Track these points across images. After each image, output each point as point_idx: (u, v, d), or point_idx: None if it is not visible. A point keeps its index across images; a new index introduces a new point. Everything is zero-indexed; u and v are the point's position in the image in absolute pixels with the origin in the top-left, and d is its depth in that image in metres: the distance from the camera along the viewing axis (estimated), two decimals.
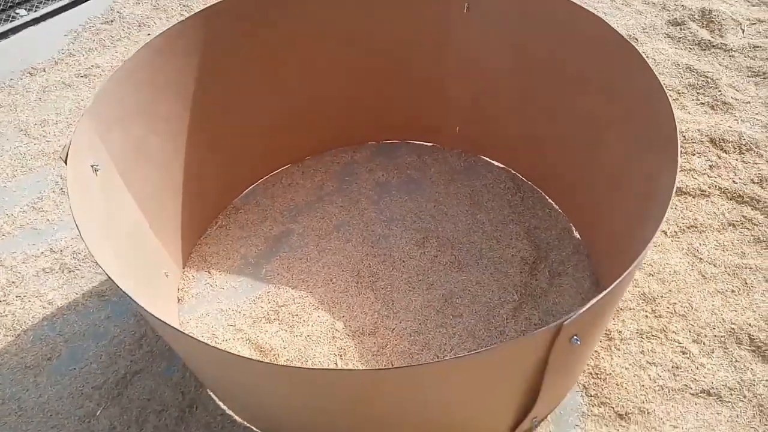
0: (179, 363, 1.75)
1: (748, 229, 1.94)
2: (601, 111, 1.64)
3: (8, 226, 2.13)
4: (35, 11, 3.02)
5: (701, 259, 1.88)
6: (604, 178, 1.74)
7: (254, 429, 1.61)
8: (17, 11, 3.03)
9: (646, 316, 1.76)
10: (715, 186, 2.05)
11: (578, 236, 1.97)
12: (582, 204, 1.92)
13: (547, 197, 2.08)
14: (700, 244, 1.92)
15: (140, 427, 1.62)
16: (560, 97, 1.78)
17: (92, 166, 1.42)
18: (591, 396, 1.62)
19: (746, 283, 1.81)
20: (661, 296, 1.79)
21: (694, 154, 2.16)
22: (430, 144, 2.30)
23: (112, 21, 2.93)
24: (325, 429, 1.42)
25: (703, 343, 1.70)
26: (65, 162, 1.31)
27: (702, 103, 2.34)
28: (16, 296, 1.93)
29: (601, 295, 1.07)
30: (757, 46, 2.53)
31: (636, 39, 2.64)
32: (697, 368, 1.66)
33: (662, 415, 1.59)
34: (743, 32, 2.60)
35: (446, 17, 1.87)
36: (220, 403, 1.65)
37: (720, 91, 2.36)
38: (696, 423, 1.57)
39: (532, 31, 1.72)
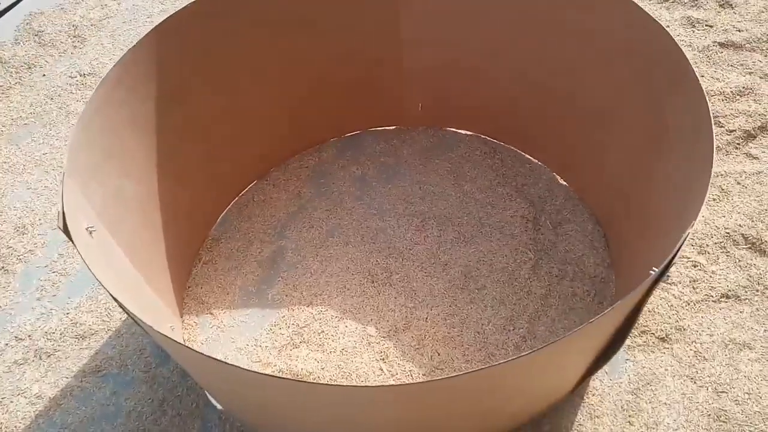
0: (214, 417, 1.60)
1: None
2: (579, 54, 1.67)
3: None
4: None
5: None
6: (587, 122, 1.79)
7: None
8: None
9: None
10: None
11: (565, 183, 2.02)
12: (562, 151, 1.97)
13: (524, 153, 2.11)
14: None
15: None
16: (529, 49, 1.79)
17: (87, 229, 1.22)
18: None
19: (723, 190, 1.96)
20: None
21: None
22: (394, 127, 2.24)
23: None
24: None
25: (708, 253, 1.82)
26: (65, 231, 1.12)
27: None
28: None
29: (687, 233, 1.07)
30: None
31: None
32: (710, 276, 1.77)
33: (696, 327, 1.69)
34: None
35: None
36: None
37: None
38: (726, 326, 1.68)
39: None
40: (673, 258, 1.02)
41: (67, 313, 1.82)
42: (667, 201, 1.38)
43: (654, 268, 1.09)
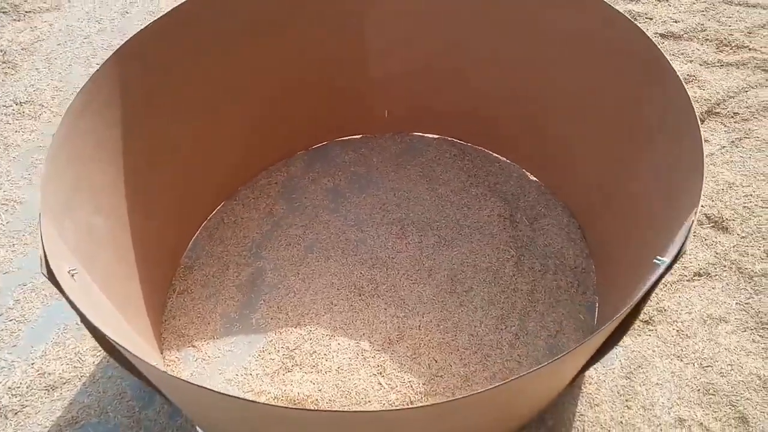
0: None
1: None
2: (548, 53, 1.70)
3: None
4: None
5: None
6: (558, 119, 1.83)
7: None
8: None
9: None
10: None
11: (535, 179, 2.06)
12: (532, 149, 2.01)
13: (492, 153, 2.14)
14: None
15: None
16: (496, 50, 1.82)
17: (69, 272, 1.12)
18: None
19: None
20: None
21: None
22: (360, 135, 2.22)
23: None
24: None
25: None
26: (48, 276, 1.02)
27: None
28: None
29: (692, 220, 1.09)
30: None
31: None
32: (682, 257, 1.85)
33: (675, 307, 1.76)
34: None
35: (360, 4, 1.78)
36: None
37: None
38: (702, 303, 1.76)
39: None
40: (683, 247, 1.05)
41: (32, 364, 1.67)
42: (651, 190, 1.43)
43: (659, 257, 1.11)
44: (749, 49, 2.46)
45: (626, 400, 1.59)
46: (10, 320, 1.76)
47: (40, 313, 1.77)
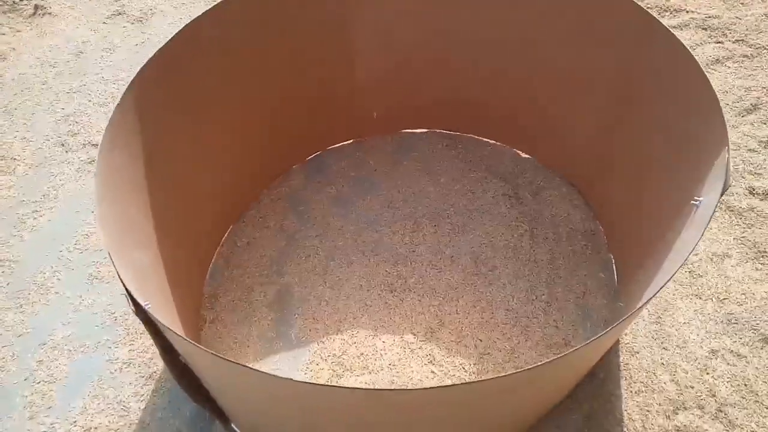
0: None
1: None
2: (535, 33, 1.79)
3: None
4: None
5: None
6: (548, 95, 1.93)
7: None
8: None
9: None
10: None
11: (528, 156, 2.15)
12: (521, 128, 2.10)
13: (482, 138, 2.22)
14: None
15: None
16: (481, 37, 1.89)
17: (145, 306, 1.09)
18: None
19: None
20: None
21: None
22: (351, 141, 2.24)
23: None
24: None
25: None
26: (137, 313, 0.99)
27: None
28: None
29: (726, 158, 1.18)
30: None
31: None
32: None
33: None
34: None
35: (342, 6, 1.81)
36: None
37: None
38: (704, 243, 1.90)
39: None
40: (727, 181, 1.14)
41: (74, 422, 1.60)
42: (658, 143, 1.54)
43: (696, 198, 1.21)
44: (686, 12, 2.68)
45: (661, 343, 1.70)
46: (38, 382, 1.67)
47: (68, 369, 1.69)
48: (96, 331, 1.77)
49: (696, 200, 1.23)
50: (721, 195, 1.12)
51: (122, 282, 1.01)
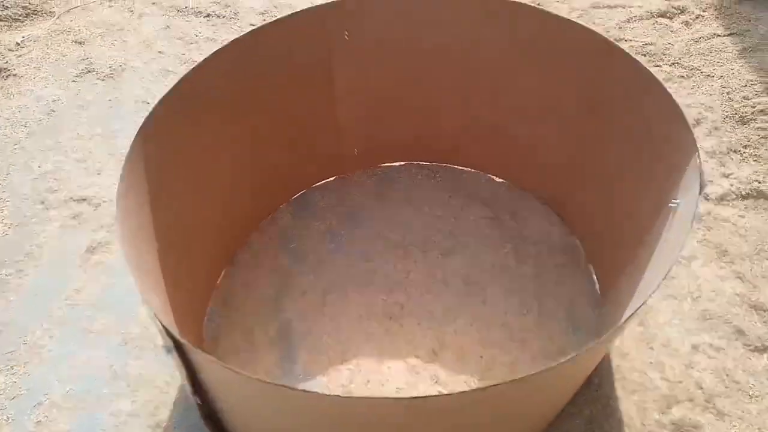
0: None
1: None
2: (500, 62, 1.94)
3: None
4: None
5: None
6: (515, 120, 2.07)
7: None
8: None
9: None
10: None
11: (502, 180, 2.28)
12: (493, 155, 2.23)
13: (457, 167, 2.34)
14: None
15: None
16: (450, 74, 2.03)
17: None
18: None
19: None
20: None
21: None
22: (333, 178, 2.32)
23: None
24: None
25: None
26: (176, 347, 1.01)
27: None
28: None
29: (698, 161, 1.32)
30: None
31: None
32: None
33: None
34: None
35: (326, 48, 1.92)
36: None
37: None
38: None
39: (415, 29, 1.92)
40: (703, 182, 1.27)
41: None
42: (626, 156, 1.69)
43: (674, 200, 1.35)
44: (626, 40, 2.93)
45: (648, 344, 1.81)
46: None
47: (69, 428, 1.65)
48: (96, 386, 1.74)
49: (674, 202, 1.36)
50: (700, 193, 1.25)
51: (158, 320, 1.04)
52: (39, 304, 1.92)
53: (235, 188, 1.95)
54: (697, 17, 3.02)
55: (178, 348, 1.03)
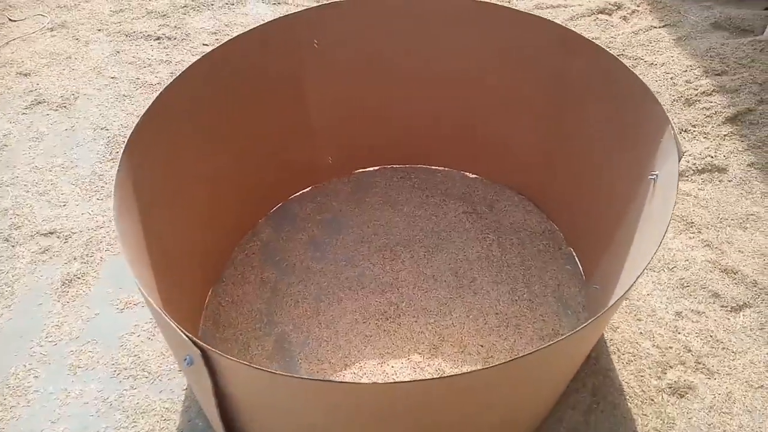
0: None
1: None
2: (468, 60, 2.00)
3: None
4: None
5: None
6: (485, 118, 2.14)
7: None
8: None
9: None
10: None
11: (475, 175, 2.34)
12: (465, 154, 2.29)
13: (430, 167, 2.39)
14: None
15: None
16: (422, 75, 2.08)
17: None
18: None
19: None
20: None
21: None
22: (310, 187, 2.32)
23: None
24: None
25: None
26: (203, 356, 0.98)
27: None
28: None
29: (672, 132, 1.43)
30: None
31: None
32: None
33: None
34: None
35: (297, 58, 1.93)
36: None
37: None
38: None
39: (383, 35, 1.96)
40: (680, 151, 1.35)
41: None
42: (598, 140, 1.77)
43: (653, 173, 1.42)
44: None
45: (635, 315, 1.89)
46: None
47: None
48: (92, 422, 1.65)
49: (653, 174, 1.44)
50: (679, 161, 1.33)
51: (180, 330, 1.01)
52: (18, 345, 1.82)
53: (214, 205, 1.92)
54: (633, 12, 3.21)
55: (205, 356, 1.01)
